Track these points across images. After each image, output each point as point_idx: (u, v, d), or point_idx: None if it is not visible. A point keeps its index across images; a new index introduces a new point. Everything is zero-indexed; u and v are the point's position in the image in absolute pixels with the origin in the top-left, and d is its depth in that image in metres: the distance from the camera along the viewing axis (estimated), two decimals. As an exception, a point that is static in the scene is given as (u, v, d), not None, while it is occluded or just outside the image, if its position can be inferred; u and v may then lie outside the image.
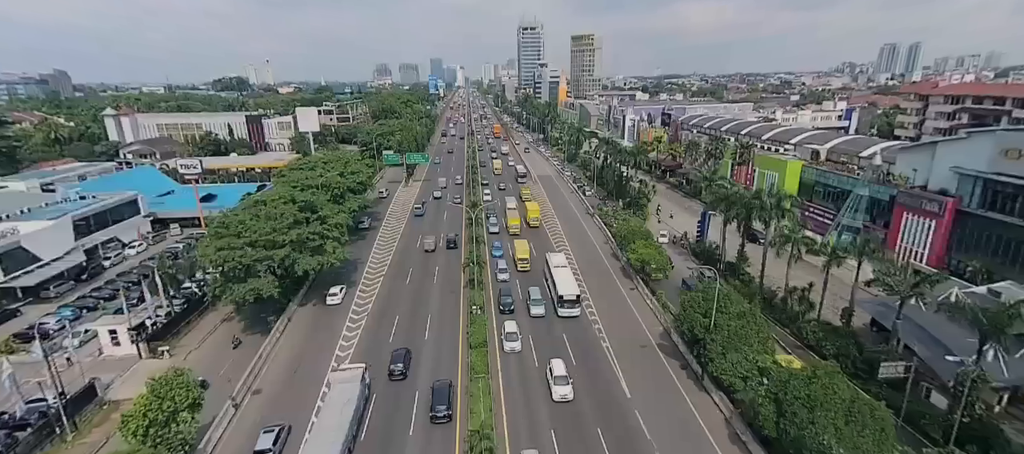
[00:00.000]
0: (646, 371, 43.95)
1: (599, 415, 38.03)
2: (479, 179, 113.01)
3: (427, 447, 35.35)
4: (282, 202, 56.32)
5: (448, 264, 68.16)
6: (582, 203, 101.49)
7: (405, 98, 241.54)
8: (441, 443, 35.67)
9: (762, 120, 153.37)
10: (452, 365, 44.85)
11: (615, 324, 51.93)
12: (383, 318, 53.53)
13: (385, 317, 53.61)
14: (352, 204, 71.76)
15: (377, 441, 35.91)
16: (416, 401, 39.85)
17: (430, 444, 35.62)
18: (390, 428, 37.14)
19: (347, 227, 65.77)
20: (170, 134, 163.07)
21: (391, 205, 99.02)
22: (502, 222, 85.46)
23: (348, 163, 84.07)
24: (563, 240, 78.08)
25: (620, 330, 50.90)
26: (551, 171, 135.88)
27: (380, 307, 55.95)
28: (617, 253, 70.54)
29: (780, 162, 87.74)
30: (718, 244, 70.67)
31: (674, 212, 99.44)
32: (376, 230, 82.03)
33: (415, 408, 39.15)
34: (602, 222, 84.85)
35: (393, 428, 37.12)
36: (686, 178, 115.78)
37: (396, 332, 50.63)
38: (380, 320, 53.21)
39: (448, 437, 36.19)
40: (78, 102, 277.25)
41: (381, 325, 52.11)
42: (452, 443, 35.58)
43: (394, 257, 70.59)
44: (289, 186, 69.11)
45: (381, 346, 47.66)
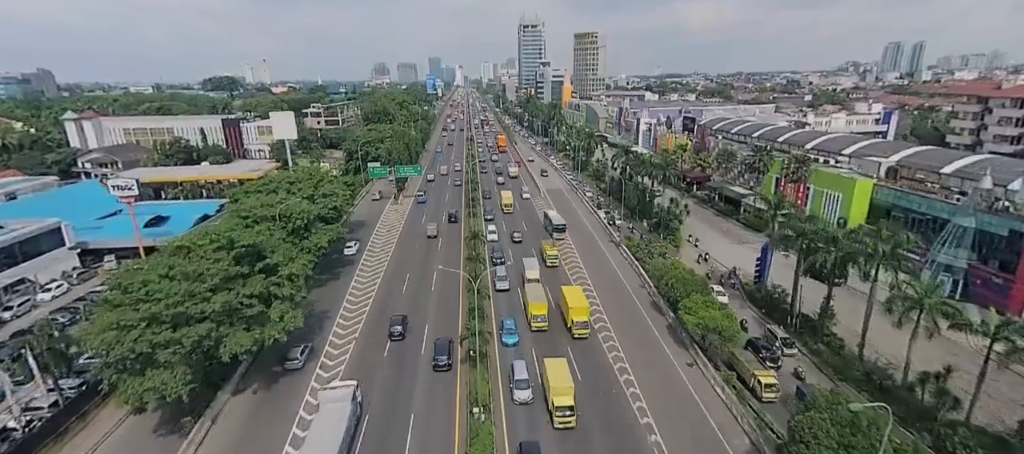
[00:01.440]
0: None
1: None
2: (483, 234, 75.28)
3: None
4: (214, 248, 41.06)
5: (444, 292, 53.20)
6: (601, 223, 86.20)
7: (400, 99, 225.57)
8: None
9: (793, 125, 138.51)
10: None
11: (675, 430, 36.76)
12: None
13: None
14: (321, 239, 56.36)
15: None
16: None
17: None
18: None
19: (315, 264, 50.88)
20: (138, 140, 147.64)
21: (376, 228, 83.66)
22: (518, 300, 56.55)
23: (321, 182, 68.84)
24: (584, 277, 62.90)
25: (681, 434, 35.83)
26: (561, 184, 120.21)
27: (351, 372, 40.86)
28: (658, 301, 55.36)
29: (845, 181, 72.59)
30: (780, 287, 55.79)
31: (704, 233, 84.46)
32: (354, 265, 66.82)
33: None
34: (630, 253, 69.68)
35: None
36: (719, 193, 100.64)
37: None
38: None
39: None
40: (56, 102, 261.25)
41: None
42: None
43: (373, 308, 55.38)
44: (239, 217, 53.96)
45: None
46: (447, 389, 41.18)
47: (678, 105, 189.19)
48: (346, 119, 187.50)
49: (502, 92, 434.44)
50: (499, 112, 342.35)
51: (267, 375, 43.06)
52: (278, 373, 43.29)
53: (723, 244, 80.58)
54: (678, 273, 52.22)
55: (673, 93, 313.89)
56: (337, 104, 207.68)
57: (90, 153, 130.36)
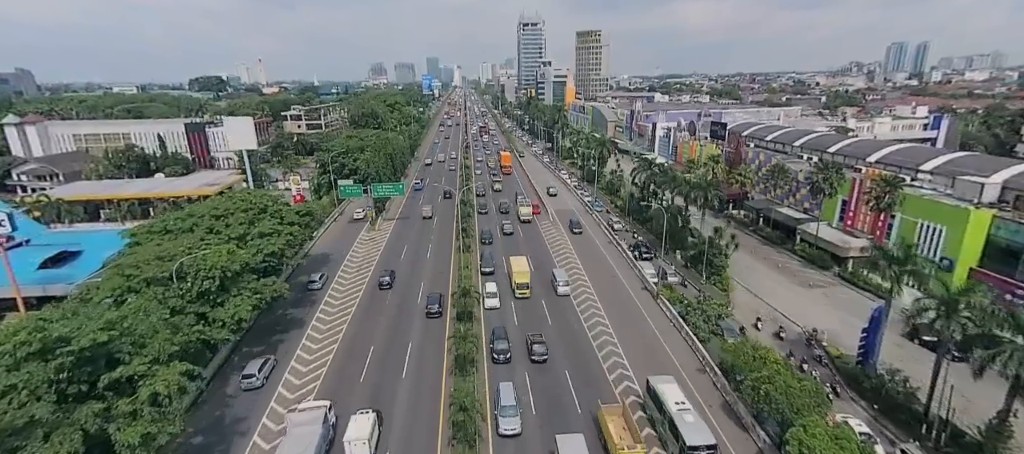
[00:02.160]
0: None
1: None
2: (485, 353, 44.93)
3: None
4: (20, 354, 24.20)
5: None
6: (626, 260, 68.88)
7: (392, 100, 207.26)
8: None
9: (832, 130, 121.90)
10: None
11: None
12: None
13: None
14: (241, 307, 38.92)
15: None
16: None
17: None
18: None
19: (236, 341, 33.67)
20: (88, 147, 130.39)
21: (341, 267, 66.14)
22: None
23: (264, 213, 51.70)
24: (618, 352, 45.79)
25: None
26: (573, 202, 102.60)
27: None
28: (729, 397, 38.27)
29: (952, 211, 55.65)
30: (898, 371, 39.02)
31: (752, 270, 68.07)
32: (302, 328, 49.45)
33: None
34: (671, 308, 52.61)
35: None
36: (764, 216, 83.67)
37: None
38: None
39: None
40: (18, 104, 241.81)
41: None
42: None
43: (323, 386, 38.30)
44: (122, 277, 36.85)
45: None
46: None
47: (694, 107, 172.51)
48: (330, 123, 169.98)
49: (500, 93, 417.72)
50: (498, 114, 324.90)
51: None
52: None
53: (780, 286, 63.65)
54: (767, 365, 35.00)
55: (683, 94, 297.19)
56: (320, 106, 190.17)
57: (26, 164, 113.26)
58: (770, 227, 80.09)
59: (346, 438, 31.31)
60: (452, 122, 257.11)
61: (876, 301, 51.28)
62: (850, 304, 57.10)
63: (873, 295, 57.83)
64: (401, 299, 55.84)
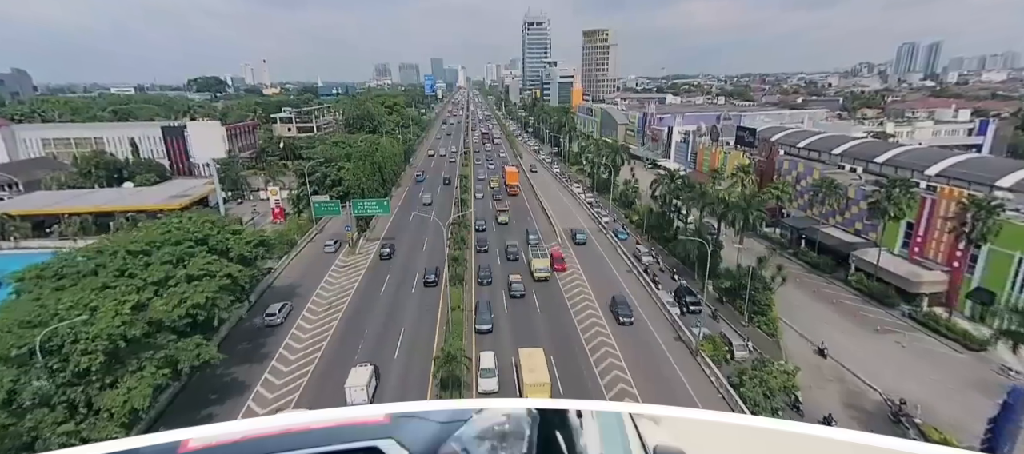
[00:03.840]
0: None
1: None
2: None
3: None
4: None
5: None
6: (655, 302, 57.44)
7: (391, 101, 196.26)
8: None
9: (870, 136, 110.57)
10: None
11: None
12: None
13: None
14: (135, 393, 27.95)
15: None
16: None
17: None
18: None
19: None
20: (55, 153, 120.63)
21: (308, 304, 55.08)
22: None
23: (202, 245, 41.08)
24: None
25: None
26: (585, 220, 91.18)
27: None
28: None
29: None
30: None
31: (798, 303, 56.96)
32: (248, 389, 38.91)
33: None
34: (714, 369, 41.67)
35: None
36: (806, 237, 72.41)
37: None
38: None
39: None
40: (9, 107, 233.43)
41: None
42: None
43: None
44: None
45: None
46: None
47: (711, 110, 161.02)
48: (323, 126, 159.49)
49: (504, 94, 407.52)
50: (502, 116, 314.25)
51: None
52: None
53: (837, 329, 52.12)
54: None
55: (694, 95, 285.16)
56: (314, 108, 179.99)
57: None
58: (815, 251, 68.83)
59: (346, 384, 35.10)
60: (455, 121, 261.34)
61: (1004, 379, 40.16)
62: (938, 359, 45.87)
63: (961, 346, 46.78)
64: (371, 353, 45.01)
